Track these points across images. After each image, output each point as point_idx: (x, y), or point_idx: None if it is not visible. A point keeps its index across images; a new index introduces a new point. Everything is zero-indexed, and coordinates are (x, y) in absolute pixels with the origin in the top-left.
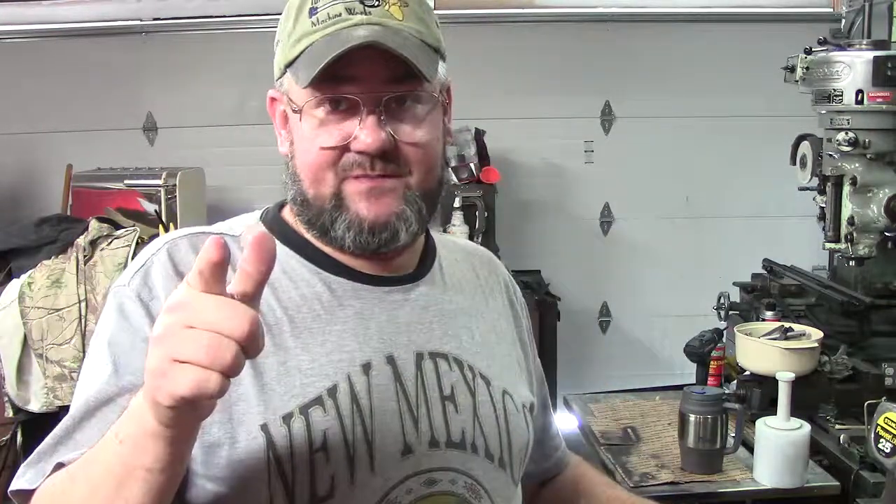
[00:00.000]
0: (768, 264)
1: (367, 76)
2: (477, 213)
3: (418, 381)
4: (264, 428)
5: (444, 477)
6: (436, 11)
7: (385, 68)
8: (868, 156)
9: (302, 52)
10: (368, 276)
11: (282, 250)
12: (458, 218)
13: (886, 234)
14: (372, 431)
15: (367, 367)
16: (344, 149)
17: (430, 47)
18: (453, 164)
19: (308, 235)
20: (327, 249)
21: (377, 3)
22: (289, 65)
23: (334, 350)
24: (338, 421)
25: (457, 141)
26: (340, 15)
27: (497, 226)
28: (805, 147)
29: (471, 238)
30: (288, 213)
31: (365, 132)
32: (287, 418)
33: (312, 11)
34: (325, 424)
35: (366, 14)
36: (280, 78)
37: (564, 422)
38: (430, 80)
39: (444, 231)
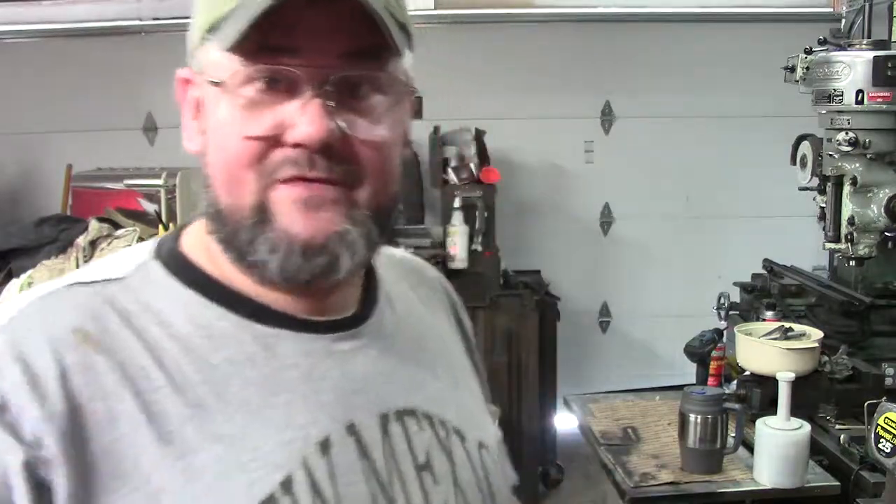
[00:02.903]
0: (768, 264)
1: (314, 47)
2: (477, 213)
3: (386, 451)
4: None
5: None
6: (436, 11)
7: (339, 38)
8: (868, 156)
9: (233, 9)
10: (309, 321)
11: (190, 298)
12: (458, 218)
13: (886, 234)
14: None
15: (325, 445)
16: (275, 142)
17: (395, 20)
18: (453, 164)
19: (218, 270)
20: (245, 287)
21: None
22: (212, 27)
23: (282, 428)
24: None
25: (456, 141)
26: None
27: (497, 226)
28: (805, 147)
29: (471, 238)
30: (189, 244)
31: (306, 118)
32: None
33: None
34: None
35: None
36: (197, 48)
37: (564, 422)
38: (401, 55)
39: (444, 231)
